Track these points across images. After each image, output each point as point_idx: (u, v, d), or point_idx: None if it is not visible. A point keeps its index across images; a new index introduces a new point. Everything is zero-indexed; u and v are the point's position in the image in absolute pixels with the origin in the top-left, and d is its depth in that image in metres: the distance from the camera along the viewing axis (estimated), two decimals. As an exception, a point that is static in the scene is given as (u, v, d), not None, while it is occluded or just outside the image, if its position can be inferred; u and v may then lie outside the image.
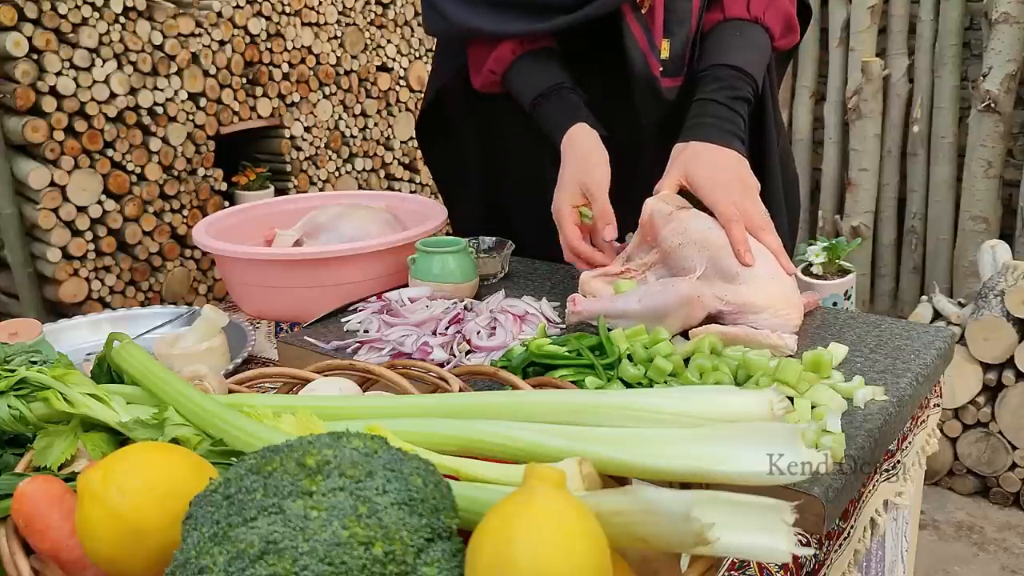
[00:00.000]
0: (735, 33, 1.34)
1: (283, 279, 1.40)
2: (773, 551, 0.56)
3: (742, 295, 1.13)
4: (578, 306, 1.18)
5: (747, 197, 1.20)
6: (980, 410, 2.59)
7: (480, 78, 1.43)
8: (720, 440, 0.63)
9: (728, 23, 1.35)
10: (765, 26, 1.35)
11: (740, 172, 1.23)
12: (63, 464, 0.71)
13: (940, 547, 2.48)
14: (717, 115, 1.27)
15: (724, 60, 1.32)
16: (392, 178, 3.63)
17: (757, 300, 1.13)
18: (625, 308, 1.15)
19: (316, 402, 0.77)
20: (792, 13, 1.38)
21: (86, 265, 2.45)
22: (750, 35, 1.35)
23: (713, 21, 1.37)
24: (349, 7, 3.25)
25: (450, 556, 0.53)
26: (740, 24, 1.35)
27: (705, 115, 1.28)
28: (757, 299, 1.13)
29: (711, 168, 1.21)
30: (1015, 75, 3.26)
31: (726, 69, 1.31)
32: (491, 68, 1.40)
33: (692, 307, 1.13)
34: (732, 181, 1.21)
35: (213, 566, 0.51)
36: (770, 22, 1.35)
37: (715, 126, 1.26)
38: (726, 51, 1.33)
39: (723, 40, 1.35)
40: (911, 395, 1.03)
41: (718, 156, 1.23)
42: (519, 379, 0.88)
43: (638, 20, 1.34)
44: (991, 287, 2.56)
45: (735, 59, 1.32)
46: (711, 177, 1.20)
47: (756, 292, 1.13)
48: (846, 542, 0.96)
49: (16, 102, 2.27)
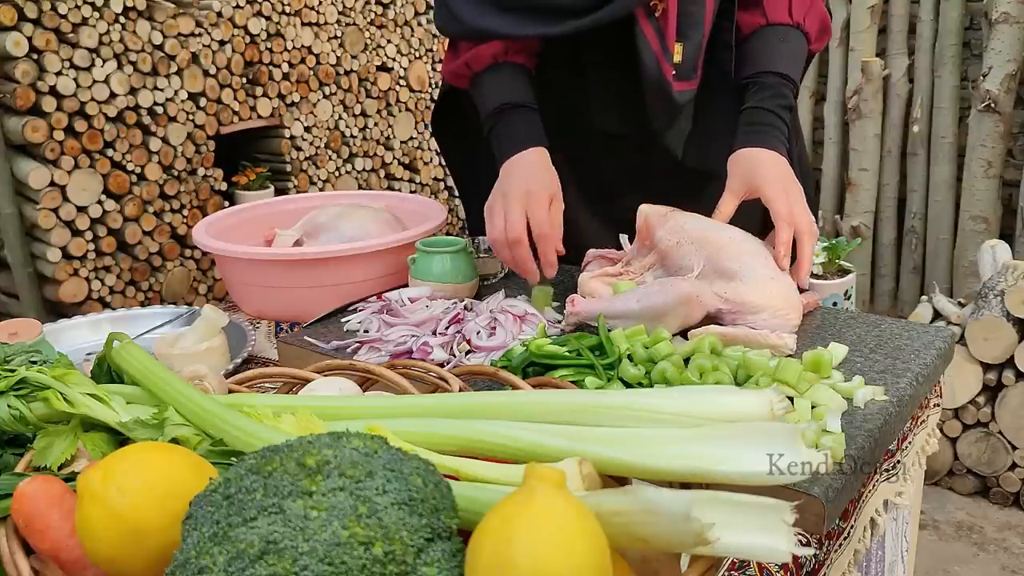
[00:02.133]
0: (779, 39, 1.36)
1: (283, 279, 1.40)
2: (773, 551, 0.56)
3: (741, 294, 1.13)
4: (577, 307, 1.18)
5: (798, 202, 1.23)
6: (980, 410, 2.59)
7: (452, 67, 1.43)
8: (720, 440, 0.63)
9: (770, 28, 1.37)
10: (805, 31, 1.37)
11: (792, 177, 1.27)
12: (63, 464, 0.71)
13: (940, 547, 2.48)
14: (770, 123, 1.31)
15: (772, 67, 1.34)
16: (392, 178, 3.63)
17: (756, 299, 1.13)
18: (624, 308, 1.15)
19: (316, 402, 0.77)
20: (827, 16, 1.40)
21: (86, 265, 2.45)
22: (792, 40, 1.36)
23: (754, 25, 1.38)
24: (349, 7, 3.25)
25: (450, 556, 0.53)
26: (783, 29, 1.36)
27: (760, 123, 1.31)
28: (756, 298, 1.13)
29: (772, 170, 1.26)
30: (1015, 75, 3.26)
31: (774, 76, 1.33)
32: (468, 62, 1.39)
33: (691, 306, 1.13)
34: (791, 184, 1.25)
35: (213, 566, 0.51)
36: (809, 26, 1.37)
37: (769, 134, 1.30)
38: (773, 58, 1.35)
39: (768, 46, 1.36)
40: (911, 395, 1.03)
41: (776, 161, 1.27)
42: (519, 379, 0.88)
43: (651, 24, 1.34)
44: (991, 287, 2.56)
45: (781, 66, 1.34)
46: (772, 178, 1.24)
47: (755, 291, 1.13)
48: (846, 542, 0.96)
49: (16, 102, 2.27)
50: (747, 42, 1.39)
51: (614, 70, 1.39)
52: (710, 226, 1.21)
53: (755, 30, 1.38)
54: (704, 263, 1.17)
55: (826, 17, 1.40)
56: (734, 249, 1.17)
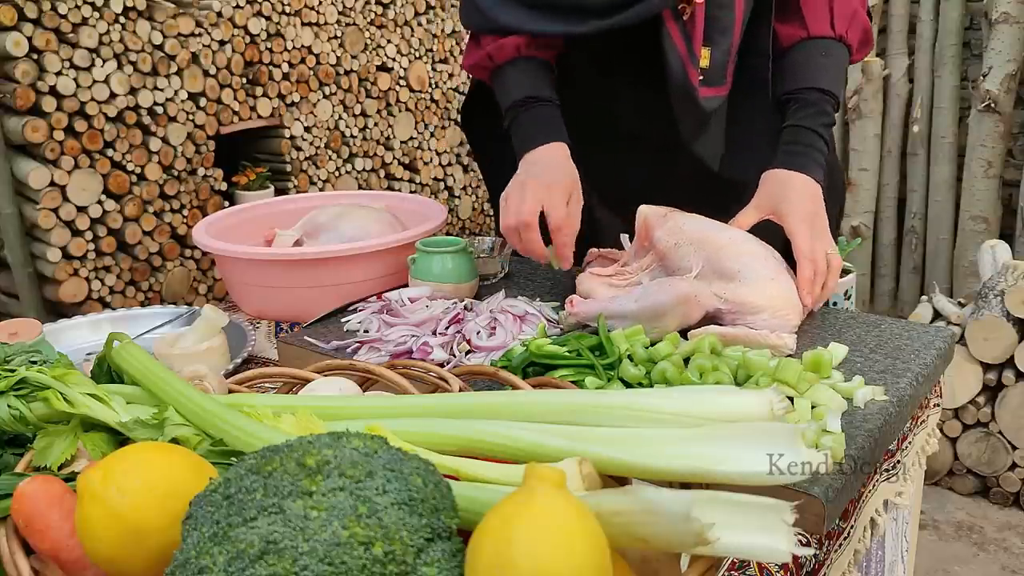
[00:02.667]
0: (821, 53, 1.32)
1: (283, 279, 1.40)
2: (773, 551, 0.56)
3: (741, 294, 1.13)
4: (575, 307, 1.18)
5: (822, 236, 1.22)
6: (980, 410, 2.59)
7: (474, 59, 1.42)
8: (720, 440, 0.63)
9: (812, 41, 1.33)
10: (848, 43, 1.34)
11: (820, 207, 1.25)
12: (63, 464, 0.71)
13: (940, 547, 2.48)
14: (809, 143, 1.28)
15: (814, 83, 1.31)
16: (392, 178, 3.63)
17: (756, 300, 1.13)
18: (622, 308, 1.15)
19: (316, 402, 0.77)
20: (869, 26, 1.36)
21: (86, 265, 2.45)
22: (835, 54, 1.33)
23: (794, 37, 1.34)
24: (349, 7, 3.25)
25: (450, 556, 0.53)
26: (824, 43, 1.32)
27: (799, 143, 1.29)
28: (756, 299, 1.13)
29: (800, 201, 1.23)
30: (1015, 75, 3.26)
31: (816, 93, 1.30)
32: (490, 54, 1.38)
33: (689, 306, 1.13)
34: (816, 217, 1.23)
35: (213, 566, 0.51)
36: (851, 38, 1.34)
37: (806, 155, 1.27)
38: (815, 73, 1.32)
39: (810, 61, 1.33)
40: (911, 395, 1.03)
41: (806, 188, 1.25)
42: (519, 379, 0.88)
43: (679, 27, 1.31)
44: (991, 287, 2.56)
45: (824, 82, 1.31)
46: (799, 210, 1.22)
47: (755, 292, 1.13)
48: (846, 542, 0.96)
49: (16, 102, 2.27)
50: (787, 55, 1.35)
51: (641, 73, 1.37)
52: (710, 226, 1.21)
53: (796, 43, 1.34)
54: (703, 263, 1.17)
55: (868, 27, 1.36)
56: (734, 250, 1.17)
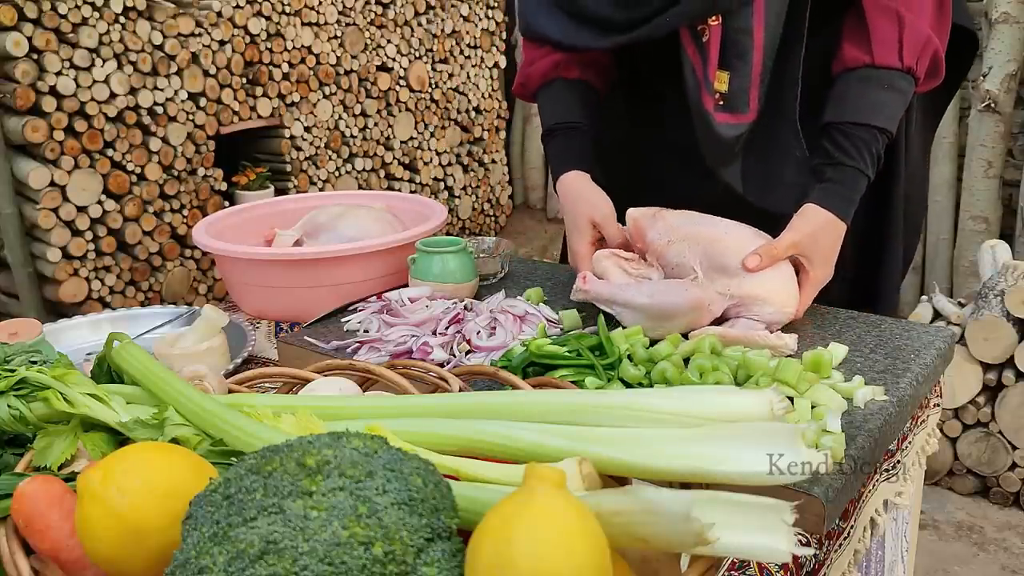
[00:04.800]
0: (884, 85, 1.23)
1: (283, 279, 1.40)
2: (773, 551, 0.56)
3: (744, 287, 1.14)
4: (588, 284, 1.18)
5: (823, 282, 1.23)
6: (980, 410, 2.59)
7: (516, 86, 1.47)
8: (720, 440, 0.63)
9: (875, 71, 1.23)
10: (915, 75, 1.24)
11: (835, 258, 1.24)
12: (63, 464, 0.71)
13: (940, 547, 2.48)
14: (853, 186, 1.23)
15: (869, 120, 1.22)
16: (392, 178, 3.63)
17: (759, 292, 1.14)
18: (633, 299, 1.14)
19: (316, 402, 0.77)
20: (941, 55, 1.25)
21: (86, 265, 2.45)
22: (898, 87, 1.23)
23: (858, 62, 1.24)
24: (349, 7, 3.25)
25: (450, 556, 0.53)
26: (888, 74, 1.22)
27: (838, 181, 1.23)
28: (760, 291, 1.14)
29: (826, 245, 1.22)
30: (1015, 75, 3.26)
31: (868, 130, 1.22)
32: (523, 82, 1.44)
33: (700, 312, 1.13)
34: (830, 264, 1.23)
35: (213, 566, 0.51)
36: (920, 69, 1.24)
37: (844, 196, 1.23)
38: (873, 108, 1.23)
39: (869, 93, 1.23)
40: (911, 395, 1.03)
41: (833, 232, 1.22)
42: (519, 379, 0.88)
43: (697, 47, 1.27)
44: (991, 287, 2.56)
45: (880, 119, 1.23)
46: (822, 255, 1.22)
47: (758, 285, 1.14)
48: (846, 542, 0.96)
49: (16, 102, 2.27)
50: (847, 80, 1.25)
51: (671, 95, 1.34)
52: (701, 221, 1.21)
53: (858, 67, 1.24)
54: (700, 259, 1.16)
55: (940, 56, 1.25)
56: (730, 244, 1.18)
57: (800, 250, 1.20)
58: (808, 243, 1.20)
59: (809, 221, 1.21)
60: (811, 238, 1.20)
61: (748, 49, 1.27)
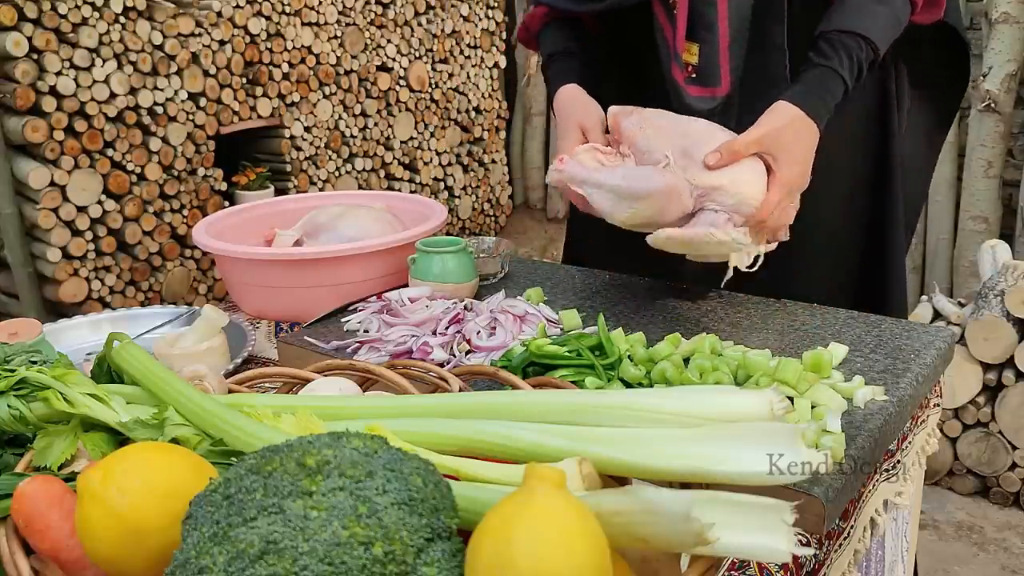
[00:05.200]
0: None
1: (283, 279, 1.40)
2: (773, 551, 0.56)
3: (708, 178, 1.13)
4: (563, 165, 1.18)
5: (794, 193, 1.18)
6: (980, 410, 2.59)
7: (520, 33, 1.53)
8: (720, 440, 0.63)
9: None
10: None
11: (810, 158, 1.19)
12: (63, 464, 0.71)
13: (940, 547, 2.48)
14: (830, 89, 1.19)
15: (856, 28, 1.19)
16: (392, 178, 3.63)
17: (722, 181, 1.12)
18: (606, 180, 1.14)
19: (316, 402, 0.77)
20: None
21: (86, 265, 2.45)
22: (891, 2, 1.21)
23: None
24: (349, 7, 3.25)
25: (450, 556, 0.53)
26: None
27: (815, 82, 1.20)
28: (722, 180, 1.12)
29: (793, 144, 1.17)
30: (1015, 75, 3.26)
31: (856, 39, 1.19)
32: (527, 25, 1.48)
33: (671, 197, 1.12)
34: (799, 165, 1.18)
35: (213, 566, 0.51)
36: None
37: (815, 94, 1.19)
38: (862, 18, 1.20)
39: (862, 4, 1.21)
40: (911, 395, 1.03)
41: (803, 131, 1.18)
42: (519, 379, 0.88)
43: (668, 18, 1.28)
44: (991, 287, 2.56)
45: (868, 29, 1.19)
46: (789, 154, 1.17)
47: (721, 174, 1.13)
48: (846, 542, 0.96)
49: (16, 102, 2.27)
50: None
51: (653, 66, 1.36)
52: (673, 116, 1.21)
53: None
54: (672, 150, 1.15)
55: None
56: (700, 137, 1.16)
57: (764, 147, 1.17)
58: (772, 140, 1.16)
59: (775, 117, 1.18)
60: (776, 134, 1.16)
61: (714, 21, 1.26)
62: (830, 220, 1.36)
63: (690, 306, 1.29)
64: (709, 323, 1.23)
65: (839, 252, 1.39)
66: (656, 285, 1.39)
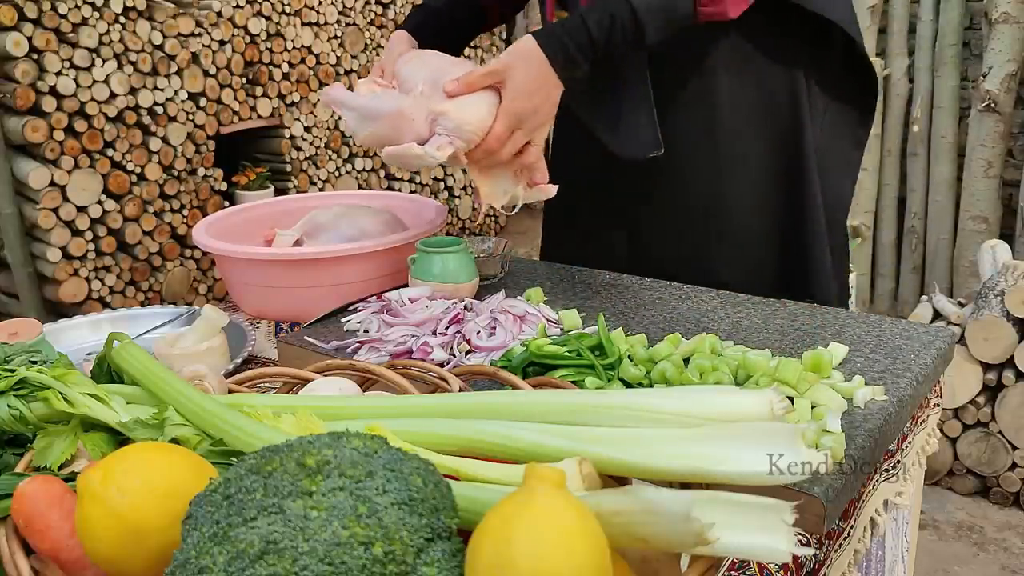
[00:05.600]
0: None
1: (283, 279, 1.40)
2: (773, 551, 0.56)
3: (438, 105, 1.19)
4: (331, 89, 1.30)
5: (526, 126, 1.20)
6: (980, 410, 2.59)
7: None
8: (720, 440, 0.63)
9: None
10: None
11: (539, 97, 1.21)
12: (63, 464, 0.71)
13: (940, 547, 2.48)
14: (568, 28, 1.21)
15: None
16: (392, 178, 3.63)
17: (446, 106, 1.18)
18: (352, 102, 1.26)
19: (316, 402, 0.77)
20: None
21: (86, 265, 2.45)
22: None
23: None
24: (349, 7, 3.25)
25: (450, 556, 0.53)
26: None
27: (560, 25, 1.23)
28: (446, 105, 1.18)
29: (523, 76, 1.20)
30: (1015, 75, 3.27)
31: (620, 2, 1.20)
32: None
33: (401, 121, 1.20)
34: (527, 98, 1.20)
35: (213, 566, 0.51)
36: None
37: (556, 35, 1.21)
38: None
39: None
40: (911, 395, 1.03)
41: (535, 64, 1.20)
42: (519, 379, 0.88)
43: None
44: (991, 287, 2.56)
45: None
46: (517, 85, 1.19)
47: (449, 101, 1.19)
48: (846, 542, 0.96)
49: (16, 102, 2.27)
50: None
51: None
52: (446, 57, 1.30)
53: None
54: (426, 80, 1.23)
55: None
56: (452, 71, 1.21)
57: (497, 78, 1.20)
58: (503, 71, 1.19)
59: (512, 52, 1.22)
60: (508, 66, 1.19)
61: None
62: (745, 209, 1.41)
63: (690, 306, 1.29)
64: (709, 323, 1.23)
65: (757, 241, 1.42)
66: (656, 285, 1.39)
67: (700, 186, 1.40)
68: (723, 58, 1.36)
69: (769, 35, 1.34)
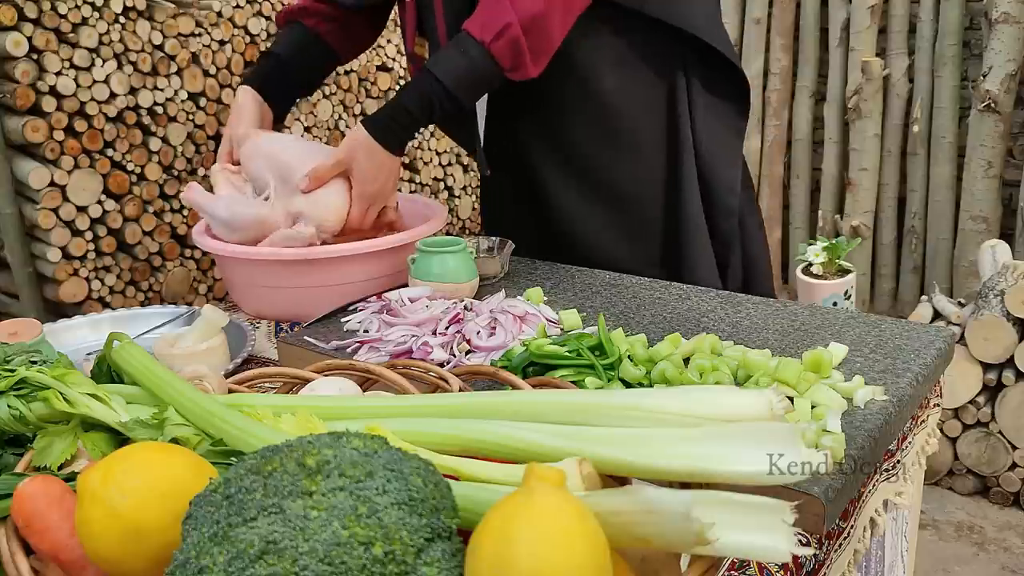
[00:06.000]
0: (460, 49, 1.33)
1: (283, 279, 1.40)
2: (773, 551, 0.56)
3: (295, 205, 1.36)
4: (191, 193, 1.44)
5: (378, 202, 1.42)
6: (980, 410, 2.59)
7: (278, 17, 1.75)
8: (720, 440, 0.63)
9: (462, 34, 1.34)
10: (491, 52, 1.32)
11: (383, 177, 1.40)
12: (63, 464, 0.71)
13: (940, 547, 2.48)
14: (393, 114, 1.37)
15: (432, 68, 1.34)
16: (392, 178, 3.62)
17: (302, 208, 1.36)
18: (214, 212, 1.41)
19: (316, 402, 0.77)
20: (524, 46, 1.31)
21: (86, 265, 2.45)
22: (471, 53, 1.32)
23: None
24: (349, 7, 3.25)
25: (450, 556, 0.53)
26: (467, 40, 1.33)
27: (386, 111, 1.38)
28: (302, 207, 1.36)
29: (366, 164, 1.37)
30: (1015, 75, 3.26)
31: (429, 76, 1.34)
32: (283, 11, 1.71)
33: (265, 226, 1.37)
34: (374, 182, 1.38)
35: (213, 566, 0.51)
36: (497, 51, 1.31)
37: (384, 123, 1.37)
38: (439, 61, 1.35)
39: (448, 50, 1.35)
40: (911, 395, 1.03)
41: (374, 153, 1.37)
42: (519, 379, 0.88)
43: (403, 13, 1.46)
44: (991, 287, 2.56)
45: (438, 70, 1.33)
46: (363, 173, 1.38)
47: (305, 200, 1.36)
48: (846, 542, 0.96)
49: (16, 102, 2.27)
50: None
51: None
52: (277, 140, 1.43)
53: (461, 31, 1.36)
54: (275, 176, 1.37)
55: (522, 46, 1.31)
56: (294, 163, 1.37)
57: (342, 167, 1.38)
58: (347, 160, 1.37)
59: (351, 142, 1.37)
60: (350, 157, 1.37)
61: (432, 18, 1.44)
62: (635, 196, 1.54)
63: (690, 306, 1.29)
64: (709, 323, 1.23)
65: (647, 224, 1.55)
66: (656, 285, 1.39)
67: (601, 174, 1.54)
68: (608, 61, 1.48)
69: (648, 43, 1.48)
